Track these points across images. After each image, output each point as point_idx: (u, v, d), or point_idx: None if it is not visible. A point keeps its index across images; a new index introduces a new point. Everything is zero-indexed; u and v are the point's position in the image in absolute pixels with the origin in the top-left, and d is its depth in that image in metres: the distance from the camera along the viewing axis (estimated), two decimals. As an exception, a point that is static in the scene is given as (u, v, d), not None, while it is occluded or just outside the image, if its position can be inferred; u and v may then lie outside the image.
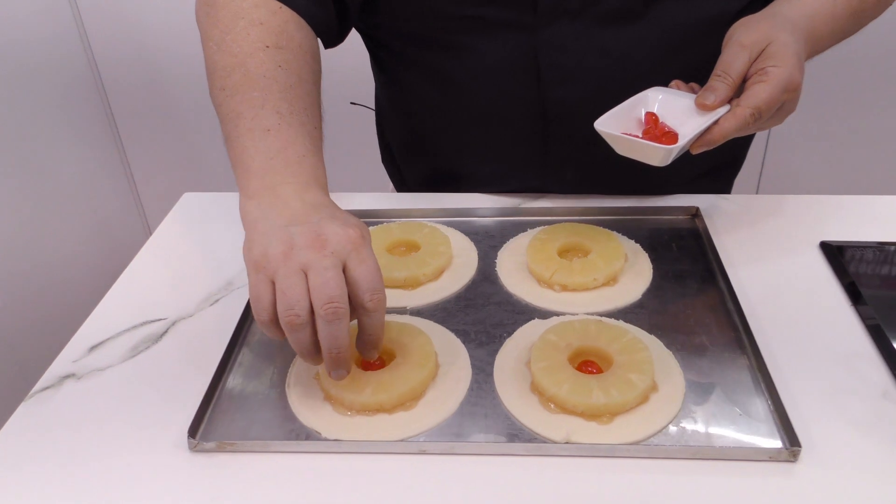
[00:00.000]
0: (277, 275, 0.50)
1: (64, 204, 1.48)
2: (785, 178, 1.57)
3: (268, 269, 0.51)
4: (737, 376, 0.55)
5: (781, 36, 0.61)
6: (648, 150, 0.60)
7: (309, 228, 0.52)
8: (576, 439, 0.50)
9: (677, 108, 0.63)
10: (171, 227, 0.77)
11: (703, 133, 0.61)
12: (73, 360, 0.59)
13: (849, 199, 0.76)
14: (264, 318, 0.51)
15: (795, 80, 0.60)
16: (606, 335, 0.57)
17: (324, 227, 0.52)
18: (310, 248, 0.50)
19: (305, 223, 0.52)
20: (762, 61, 0.61)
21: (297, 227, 0.52)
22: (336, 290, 0.49)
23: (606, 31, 0.69)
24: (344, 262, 0.51)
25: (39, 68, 1.40)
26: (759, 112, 0.60)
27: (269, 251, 0.51)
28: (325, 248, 0.51)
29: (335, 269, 0.50)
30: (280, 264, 0.50)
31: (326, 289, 0.49)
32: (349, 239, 0.51)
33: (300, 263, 0.50)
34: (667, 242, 0.70)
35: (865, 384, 0.54)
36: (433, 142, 0.82)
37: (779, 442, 0.50)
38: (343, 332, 0.50)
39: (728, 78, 0.61)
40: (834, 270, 0.66)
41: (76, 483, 0.49)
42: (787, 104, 0.62)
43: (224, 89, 0.62)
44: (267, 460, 0.50)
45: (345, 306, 0.50)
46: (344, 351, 0.51)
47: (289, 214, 0.54)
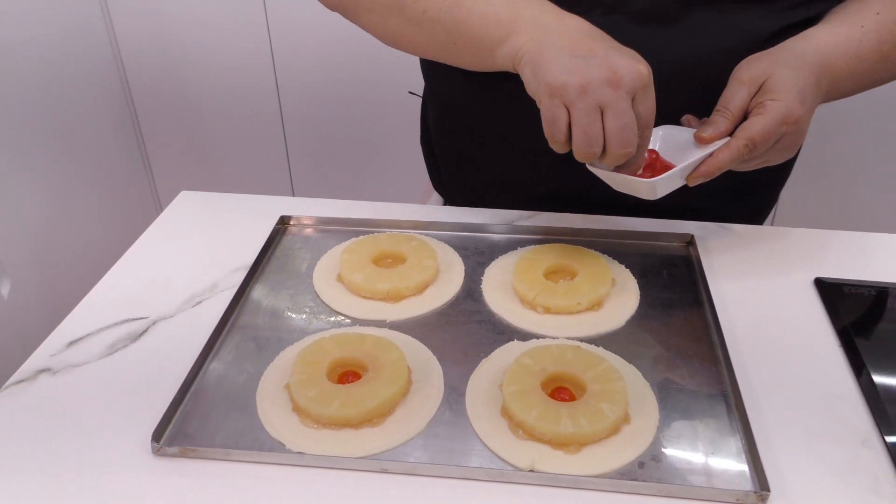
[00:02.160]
0: (576, 107, 0.55)
1: (83, 198, 1.50)
2: (802, 212, 1.54)
3: (565, 97, 0.55)
4: (713, 413, 0.54)
5: (782, 71, 0.61)
6: (636, 184, 0.60)
7: (603, 62, 0.55)
8: (540, 468, 0.49)
9: (679, 142, 0.63)
10: (164, 225, 0.77)
11: (699, 165, 0.61)
12: (51, 354, 0.60)
13: (850, 235, 0.74)
14: (559, 139, 0.56)
15: (794, 114, 0.59)
16: (583, 362, 0.56)
17: (616, 62, 0.55)
18: (607, 86, 0.54)
19: (595, 55, 0.56)
20: (761, 95, 0.61)
21: (590, 59, 0.55)
22: (633, 134, 0.55)
23: (640, 30, 0.69)
24: (633, 97, 0.55)
25: (66, 66, 1.43)
26: (754, 143, 0.59)
27: (566, 80, 0.55)
28: (620, 86, 0.54)
29: (629, 112, 0.55)
30: (578, 97, 0.54)
31: (624, 133, 0.54)
32: (640, 76, 0.55)
33: (598, 101, 0.54)
34: (657, 269, 0.69)
35: (846, 429, 0.53)
36: (461, 126, 0.83)
37: (749, 484, 0.48)
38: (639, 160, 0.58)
39: (727, 112, 0.61)
40: (826, 308, 0.64)
41: (38, 479, 0.49)
42: (786, 137, 0.61)
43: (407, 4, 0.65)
44: (229, 468, 0.50)
45: (636, 147, 0.55)
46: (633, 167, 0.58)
47: (568, 44, 0.57)
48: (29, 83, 1.33)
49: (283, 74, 1.57)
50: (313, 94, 1.58)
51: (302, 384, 0.54)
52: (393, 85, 1.51)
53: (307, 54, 1.53)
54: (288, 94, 1.59)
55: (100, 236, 1.54)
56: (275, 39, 1.53)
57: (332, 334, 0.59)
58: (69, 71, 1.44)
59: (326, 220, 0.76)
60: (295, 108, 1.61)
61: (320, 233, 0.76)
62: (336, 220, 0.76)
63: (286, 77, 1.57)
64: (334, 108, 1.59)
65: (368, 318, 0.63)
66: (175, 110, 1.64)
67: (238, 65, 1.57)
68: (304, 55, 1.53)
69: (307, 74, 1.56)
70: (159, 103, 1.64)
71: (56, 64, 1.40)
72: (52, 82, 1.39)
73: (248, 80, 1.58)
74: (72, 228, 1.46)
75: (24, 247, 1.33)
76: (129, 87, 1.62)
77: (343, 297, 0.65)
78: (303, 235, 0.75)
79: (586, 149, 0.56)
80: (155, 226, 0.77)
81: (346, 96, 1.57)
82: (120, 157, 1.64)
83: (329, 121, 1.61)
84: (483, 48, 0.63)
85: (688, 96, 0.72)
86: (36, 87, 1.35)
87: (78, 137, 1.48)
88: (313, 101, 1.59)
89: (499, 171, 0.82)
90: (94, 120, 1.53)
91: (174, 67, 1.58)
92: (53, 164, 1.41)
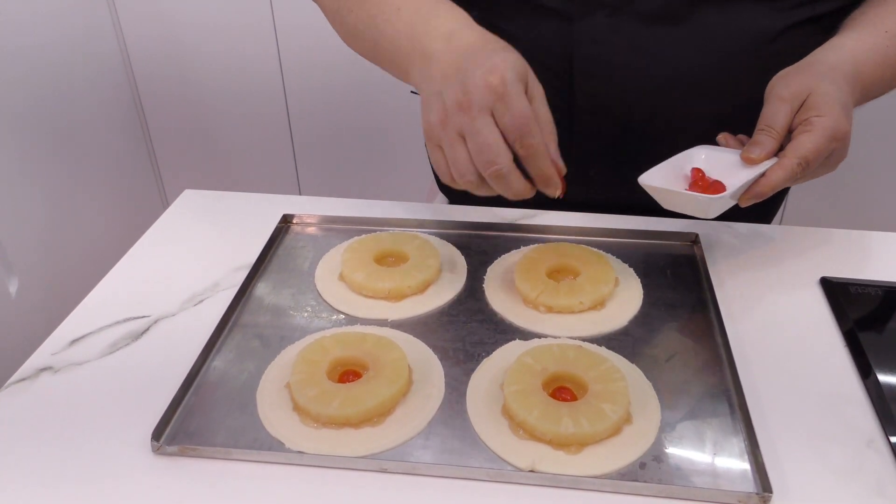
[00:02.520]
0: (443, 143, 0.54)
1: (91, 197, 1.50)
2: (809, 210, 1.53)
3: (433, 138, 0.55)
4: (716, 413, 0.53)
5: (822, 85, 0.60)
6: (693, 201, 0.60)
7: (456, 87, 0.53)
8: (541, 468, 0.49)
9: (723, 163, 0.63)
10: (167, 224, 0.77)
11: (750, 185, 0.60)
12: (53, 352, 0.60)
13: (857, 235, 0.74)
14: (445, 178, 0.56)
15: (842, 129, 0.59)
16: (584, 362, 0.55)
17: (467, 81, 0.53)
18: (459, 112, 0.53)
19: (454, 79, 0.54)
20: (805, 112, 0.60)
21: (447, 87, 0.54)
22: (492, 152, 0.52)
23: (646, 31, 0.69)
24: (491, 112, 0.52)
25: (74, 67, 1.43)
26: (807, 162, 0.59)
27: (431, 119, 0.55)
28: (471, 108, 0.52)
29: (486, 128, 0.52)
30: (441, 133, 0.54)
31: (482, 154, 0.52)
32: (489, 88, 0.52)
33: (456, 129, 0.53)
34: (661, 268, 0.69)
35: (850, 431, 0.52)
36: None
37: (751, 485, 0.48)
38: (514, 182, 0.54)
39: (772, 131, 0.61)
40: (832, 309, 0.64)
41: (39, 478, 0.49)
42: (836, 153, 0.61)
43: (351, 11, 0.66)
44: (229, 467, 0.50)
45: (506, 165, 0.52)
46: (525, 191, 0.55)
47: (439, 73, 0.56)
48: (38, 84, 1.34)
49: (289, 74, 1.57)
50: (320, 93, 1.58)
51: (302, 383, 0.54)
52: (398, 84, 1.50)
53: (314, 54, 1.53)
54: (294, 94, 1.60)
55: (107, 235, 1.55)
56: (281, 39, 1.53)
57: (333, 333, 0.59)
58: (78, 72, 1.44)
59: (329, 219, 0.76)
60: (301, 108, 1.61)
61: (323, 231, 0.75)
62: (338, 219, 0.76)
63: (293, 77, 1.57)
64: (341, 107, 1.59)
65: (370, 316, 0.63)
66: (182, 110, 1.65)
67: (245, 65, 1.57)
68: (311, 55, 1.53)
69: (314, 74, 1.56)
70: (167, 103, 1.64)
71: (64, 65, 1.40)
72: (60, 83, 1.39)
73: (255, 79, 1.58)
74: (80, 227, 1.47)
75: (33, 245, 1.34)
76: (136, 87, 1.62)
77: (345, 295, 0.65)
78: (305, 234, 0.75)
79: (460, 179, 0.54)
80: (157, 225, 0.77)
81: (352, 96, 1.57)
82: (128, 157, 1.64)
83: (335, 120, 1.61)
84: (400, 71, 0.63)
85: (695, 96, 0.72)
86: (45, 88, 1.35)
87: (86, 138, 1.48)
88: (320, 101, 1.60)
89: None
90: (103, 120, 1.54)
91: (182, 67, 1.59)
92: (62, 164, 1.41)
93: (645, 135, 0.75)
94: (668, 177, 0.63)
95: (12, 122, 1.28)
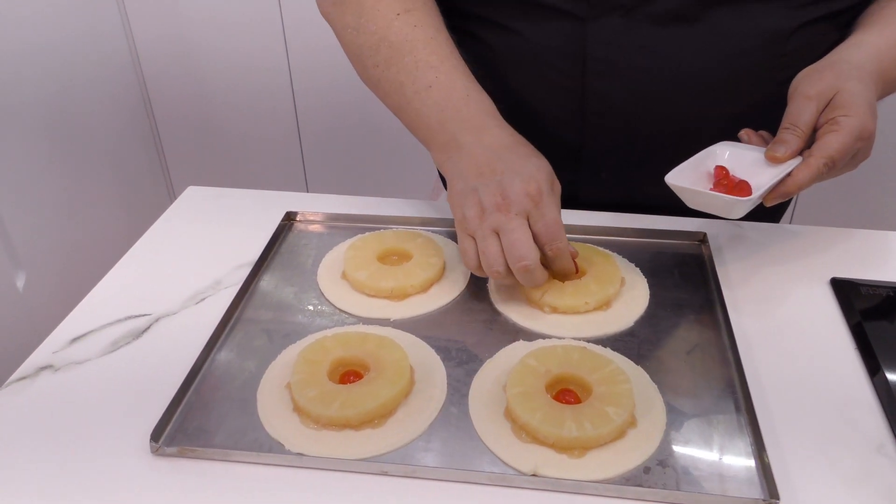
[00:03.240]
0: (476, 235, 0.60)
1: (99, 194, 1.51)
2: (818, 210, 1.52)
3: (468, 229, 0.61)
4: (722, 417, 0.52)
5: (849, 84, 0.59)
6: (720, 202, 0.59)
7: (494, 188, 0.60)
8: (543, 472, 0.48)
9: (747, 161, 0.62)
10: (170, 221, 0.77)
11: (776, 185, 0.60)
12: (53, 350, 0.59)
13: (867, 234, 0.72)
14: (472, 266, 0.61)
15: (868, 128, 0.59)
16: (589, 363, 0.54)
17: (506, 186, 0.60)
18: (497, 211, 0.59)
19: (491, 179, 0.61)
20: (831, 111, 0.59)
21: (484, 187, 0.61)
22: (523, 250, 0.58)
23: (659, 32, 0.68)
24: (527, 216, 0.59)
25: (83, 64, 1.43)
26: (833, 161, 0.59)
27: (467, 213, 0.61)
28: (510, 210, 0.59)
29: (520, 228, 0.59)
30: (476, 226, 0.60)
31: (513, 249, 0.58)
32: (529, 196, 0.59)
33: (492, 225, 0.59)
34: (669, 268, 0.68)
35: (860, 436, 0.51)
36: None
37: (758, 491, 0.47)
38: (538, 276, 0.60)
39: (798, 130, 0.60)
40: (842, 309, 0.62)
41: (38, 477, 0.49)
42: (861, 152, 0.60)
43: (377, 66, 0.70)
44: (228, 469, 0.49)
45: (533, 261, 0.58)
46: (543, 281, 0.61)
47: (474, 169, 0.63)
48: (47, 82, 1.34)
49: (297, 71, 1.57)
50: (327, 90, 1.58)
51: (302, 384, 0.53)
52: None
53: (321, 50, 1.52)
54: (302, 91, 1.59)
55: (115, 231, 1.55)
56: (289, 36, 1.52)
57: (334, 333, 0.59)
58: (87, 70, 1.44)
59: (332, 216, 0.76)
60: (309, 105, 1.61)
61: (326, 229, 0.75)
62: (342, 217, 0.75)
63: (301, 73, 1.57)
64: (349, 104, 1.59)
65: (372, 316, 0.62)
66: (190, 107, 1.64)
67: (253, 62, 1.56)
68: (319, 51, 1.53)
69: (321, 70, 1.55)
70: (175, 100, 1.64)
71: (74, 63, 1.40)
72: (69, 81, 1.39)
73: (263, 77, 1.58)
74: (88, 223, 1.47)
75: (41, 241, 1.34)
76: (145, 84, 1.62)
77: (347, 294, 0.65)
78: (308, 231, 0.75)
79: (489, 269, 0.59)
80: (160, 222, 0.77)
81: (359, 94, 1.55)
82: (136, 154, 1.64)
83: (343, 117, 1.61)
84: (423, 143, 0.70)
85: (708, 96, 0.71)
86: (54, 86, 1.35)
87: (95, 134, 1.48)
88: (328, 98, 1.59)
89: None
90: (111, 117, 1.54)
91: (190, 65, 1.59)
92: (71, 161, 1.41)
93: (657, 136, 0.74)
94: (691, 175, 0.62)
95: (22, 119, 1.28)
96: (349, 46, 0.73)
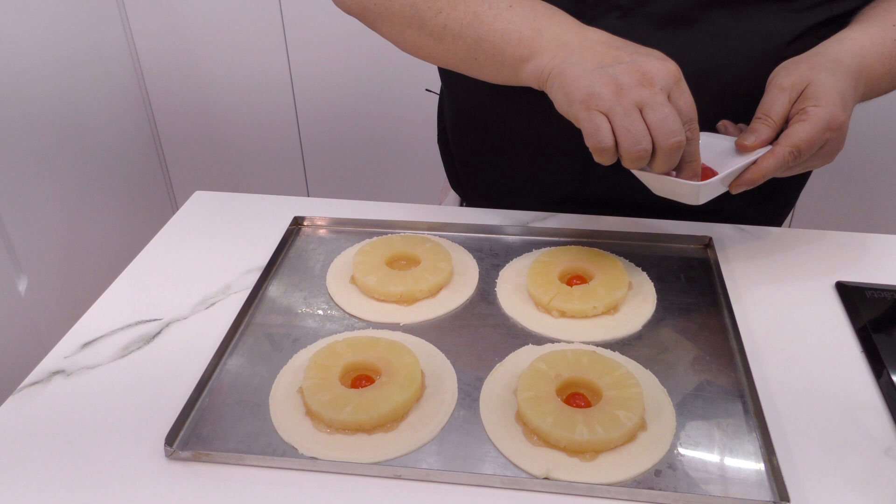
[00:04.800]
0: (614, 112, 0.55)
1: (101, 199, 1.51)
2: (824, 214, 1.52)
3: (601, 105, 0.55)
4: (731, 420, 0.53)
5: (821, 76, 0.60)
6: (679, 187, 0.59)
7: (631, 67, 0.56)
8: (555, 475, 0.49)
9: (718, 149, 0.63)
10: (178, 226, 0.77)
11: (743, 173, 0.60)
12: (65, 356, 0.60)
13: (873, 238, 0.73)
14: (606, 145, 0.55)
15: (837, 119, 0.59)
16: (598, 367, 0.55)
17: (643, 64, 0.56)
18: (640, 86, 0.55)
19: (621, 61, 0.57)
20: (802, 102, 0.60)
21: (617, 67, 0.56)
22: (676, 124, 0.55)
23: (658, 33, 0.68)
24: (668, 93, 0.56)
25: (85, 70, 1.43)
26: (799, 150, 0.59)
27: (598, 90, 0.55)
28: (654, 84, 0.55)
29: (668, 104, 0.55)
30: (615, 102, 0.55)
31: (667, 123, 0.54)
32: (670, 73, 0.56)
33: (634, 101, 0.55)
34: (675, 272, 0.68)
35: (868, 438, 0.52)
36: (479, 127, 0.83)
37: (768, 493, 0.47)
38: (678, 156, 0.56)
39: (769, 119, 0.61)
40: (847, 313, 0.63)
41: (51, 482, 0.49)
42: (830, 143, 0.61)
43: (440, 11, 0.65)
44: (242, 472, 0.50)
45: (684, 137, 0.55)
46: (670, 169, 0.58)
47: (591, 58, 0.58)
48: (50, 89, 1.34)
49: (298, 75, 1.57)
50: (329, 93, 1.58)
51: (315, 388, 0.53)
52: (408, 83, 1.50)
53: (322, 54, 1.52)
54: (303, 94, 1.59)
55: (117, 237, 1.55)
56: (290, 40, 1.53)
57: (345, 338, 0.59)
58: (89, 77, 1.45)
59: (340, 221, 0.76)
60: (310, 108, 1.61)
61: (334, 234, 0.75)
62: (350, 221, 0.76)
63: (301, 77, 1.57)
64: (350, 107, 1.59)
65: (382, 320, 0.63)
66: (192, 112, 1.65)
67: (254, 67, 1.57)
68: (320, 55, 1.53)
69: (322, 74, 1.56)
70: (176, 105, 1.64)
71: (77, 71, 1.41)
72: (72, 88, 1.40)
73: (264, 81, 1.58)
74: (90, 229, 1.47)
75: (43, 246, 1.34)
76: (147, 92, 1.62)
77: (356, 299, 0.65)
78: (317, 236, 0.75)
79: (634, 147, 0.55)
80: (168, 227, 0.77)
81: (361, 95, 1.56)
82: (138, 160, 1.64)
83: (344, 121, 1.61)
84: (506, 65, 0.63)
85: (709, 100, 0.71)
86: (57, 93, 1.35)
87: (97, 141, 1.48)
88: (329, 102, 1.59)
89: (517, 172, 0.82)
90: (113, 124, 1.54)
91: (191, 72, 1.59)
92: (72, 166, 1.42)
93: None
94: None
95: (25, 126, 1.28)
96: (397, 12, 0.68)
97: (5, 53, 1.23)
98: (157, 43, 1.56)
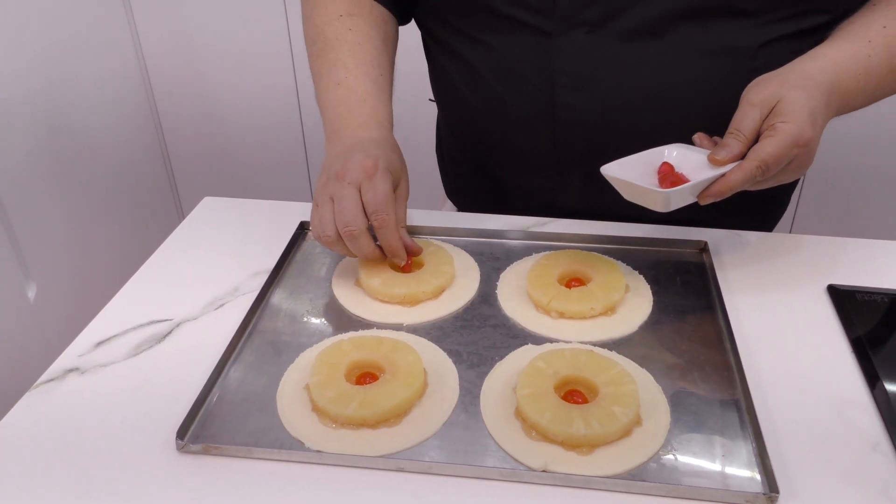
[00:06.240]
0: (318, 201, 0.66)
1: (108, 206, 1.53)
2: (816, 219, 1.54)
3: (315, 198, 0.66)
4: (724, 417, 0.54)
5: (791, 93, 0.61)
6: (649, 194, 0.61)
7: (342, 161, 0.66)
8: (553, 468, 0.50)
9: (692, 162, 0.64)
10: (189, 230, 0.79)
11: (711, 185, 0.61)
12: (79, 354, 0.62)
13: (863, 243, 0.75)
14: (315, 235, 0.66)
15: (805, 136, 0.60)
16: (595, 366, 0.57)
17: (349, 160, 0.65)
18: (336, 180, 0.65)
19: (343, 157, 0.66)
20: (772, 118, 0.61)
21: (335, 162, 0.66)
22: (349, 216, 0.63)
23: (626, 47, 0.70)
24: (359, 187, 0.63)
25: (91, 77, 1.46)
26: (766, 165, 0.60)
27: (317, 183, 0.67)
28: (344, 178, 0.64)
29: (351, 197, 0.63)
30: (318, 195, 0.66)
31: (342, 215, 0.63)
32: (363, 168, 0.64)
33: (329, 194, 0.65)
34: (671, 275, 0.70)
35: (856, 434, 0.53)
36: (462, 131, 0.86)
37: (759, 486, 0.49)
38: (365, 245, 0.64)
39: (739, 135, 0.62)
40: (839, 316, 0.65)
41: (66, 474, 0.51)
42: (798, 159, 0.62)
43: (312, 55, 0.78)
44: (250, 465, 0.52)
45: (358, 227, 0.63)
46: (373, 254, 0.66)
47: (337, 152, 0.69)
48: (57, 96, 1.36)
49: (303, 83, 1.60)
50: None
51: (321, 385, 0.55)
52: (410, 93, 1.52)
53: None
54: (308, 103, 1.62)
55: (123, 243, 1.57)
56: (296, 51, 1.55)
57: (351, 337, 0.61)
58: (97, 83, 1.47)
59: (345, 226, 0.78)
60: (315, 117, 1.63)
61: (339, 238, 0.77)
62: (355, 226, 0.78)
63: (307, 86, 1.59)
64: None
65: (385, 321, 0.65)
66: (198, 122, 1.67)
67: (260, 75, 1.59)
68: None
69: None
70: (183, 116, 1.67)
71: (84, 78, 1.43)
72: (80, 96, 1.42)
73: (270, 89, 1.61)
74: (97, 235, 1.50)
75: (51, 252, 1.36)
76: (154, 100, 1.65)
77: (361, 301, 0.67)
78: (322, 241, 0.77)
79: (322, 235, 0.64)
80: (179, 231, 0.79)
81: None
82: (144, 168, 1.67)
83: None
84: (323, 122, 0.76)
85: (676, 111, 0.72)
86: (64, 100, 1.38)
87: (104, 149, 1.51)
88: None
89: (508, 184, 0.84)
90: (120, 130, 1.56)
91: (198, 80, 1.62)
92: (80, 176, 1.44)
93: (626, 148, 0.75)
94: (638, 171, 0.64)
95: (33, 133, 1.31)
96: (304, 33, 0.81)
97: (19, 66, 1.26)
98: (164, 53, 1.59)
